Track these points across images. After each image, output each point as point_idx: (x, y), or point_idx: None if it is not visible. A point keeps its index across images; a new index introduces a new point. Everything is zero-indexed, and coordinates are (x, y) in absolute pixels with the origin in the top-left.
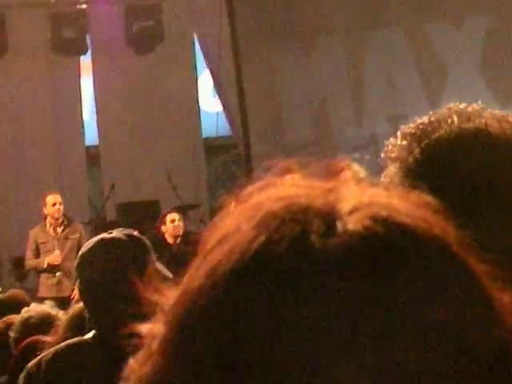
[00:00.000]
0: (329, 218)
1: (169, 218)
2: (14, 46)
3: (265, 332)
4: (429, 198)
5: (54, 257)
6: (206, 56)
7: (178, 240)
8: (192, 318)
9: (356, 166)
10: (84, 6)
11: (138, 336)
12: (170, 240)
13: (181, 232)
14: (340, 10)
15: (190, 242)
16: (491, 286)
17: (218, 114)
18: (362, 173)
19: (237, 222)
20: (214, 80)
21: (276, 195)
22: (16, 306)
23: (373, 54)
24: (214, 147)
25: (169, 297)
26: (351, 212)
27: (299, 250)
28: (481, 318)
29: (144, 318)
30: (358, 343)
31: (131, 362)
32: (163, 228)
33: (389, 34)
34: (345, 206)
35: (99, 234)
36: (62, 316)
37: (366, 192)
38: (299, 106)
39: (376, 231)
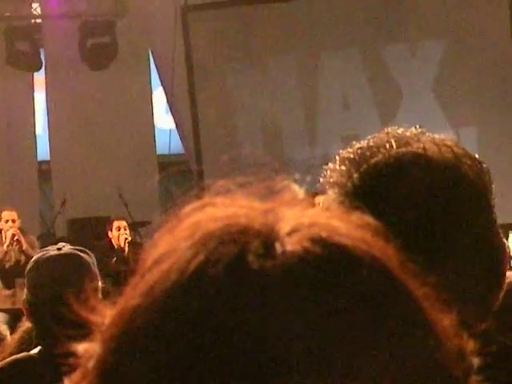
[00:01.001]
0: (267, 238)
1: (115, 224)
2: None
3: (202, 352)
4: (369, 219)
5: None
6: (160, 72)
7: (126, 247)
8: (128, 338)
9: (296, 187)
10: (39, 21)
11: (75, 355)
12: (116, 246)
13: (129, 238)
14: (294, 31)
15: (137, 250)
16: (431, 309)
17: (170, 131)
18: (302, 193)
19: (175, 241)
20: (167, 97)
21: (215, 215)
22: None
23: (327, 75)
24: (166, 164)
25: (106, 316)
26: (290, 233)
27: (236, 270)
28: (420, 342)
29: (81, 337)
30: (292, 366)
31: (67, 381)
32: (110, 234)
33: (344, 55)
34: (284, 227)
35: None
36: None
37: (305, 213)
38: (253, 125)
39: (315, 252)
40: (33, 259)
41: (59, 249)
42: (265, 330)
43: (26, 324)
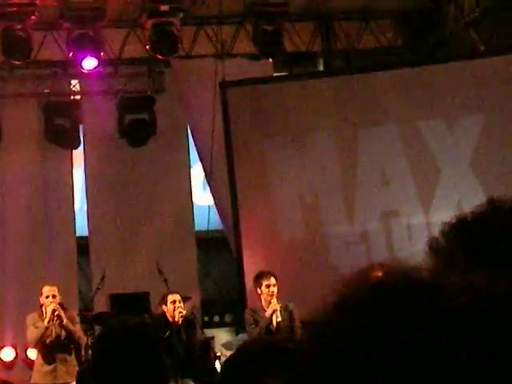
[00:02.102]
0: None
1: (170, 298)
2: (7, 135)
3: None
4: None
5: (52, 307)
6: (199, 149)
7: (180, 321)
8: None
9: None
10: (78, 97)
11: None
12: (171, 320)
13: (183, 313)
14: (332, 107)
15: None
16: None
17: (209, 207)
18: None
19: None
20: (205, 173)
21: None
22: None
23: (365, 151)
24: (204, 240)
25: None
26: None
27: None
28: None
29: None
30: None
31: None
32: (164, 308)
33: (381, 131)
34: None
35: (88, 324)
36: None
37: None
38: (291, 201)
39: None
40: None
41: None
42: None
43: None
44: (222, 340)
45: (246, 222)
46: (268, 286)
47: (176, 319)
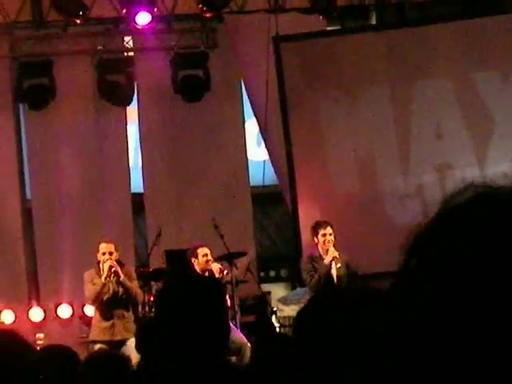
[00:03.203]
0: None
1: (201, 252)
2: (61, 91)
3: None
4: None
5: (107, 265)
6: (253, 104)
7: (207, 274)
8: None
9: None
10: (131, 54)
11: None
12: (200, 273)
13: (211, 267)
14: (385, 60)
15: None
16: None
17: (264, 162)
18: None
19: None
20: (260, 128)
21: None
22: None
23: (419, 104)
24: (260, 196)
25: None
26: None
27: None
28: None
29: None
30: None
31: None
32: (194, 261)
33: (435, 84)
34: None
35: (144, 281)
36: None
37: None
38: (346, 155)
39: None
40: None
41: None
42: None
43: None
44: (278, 295)
45: (301, 177)
46: (324, 235)
47: (216, 275)
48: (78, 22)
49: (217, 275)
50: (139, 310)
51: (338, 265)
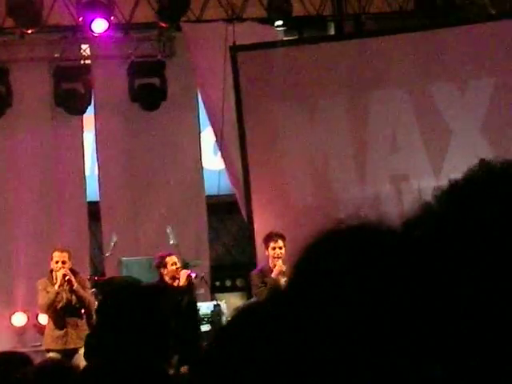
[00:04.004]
0: None
1: (170, 260)
2: (18, 99)
3: None
4: None
5: (61, 275)
6: (209, 113)
7: (177, 282)
8: None
9: None
10: (88, 62)
11: None
12: (169, 281)
13: (193, 275)
14: (342, 71)
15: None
16: None
17: (219, 171)
18: None
19: None
20: (216, 137)
21: None
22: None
23: (376, 115)
24: (215, 205)
25: None
26: None
27: None
28: None
29: None
30: None
31: None
32: (163, 270)
33: (392, 95)
34: None
35: (99, 289)
36: None
37: None
38: (302, 166)
39: None
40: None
41: None
42: None
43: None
44: (234, 305)
45: (257, 186)
46: (274, 249)
47: (181, 283)
48: (33, 30)
49: (184, 282)
50: (93, 319)
51: (285, 279)
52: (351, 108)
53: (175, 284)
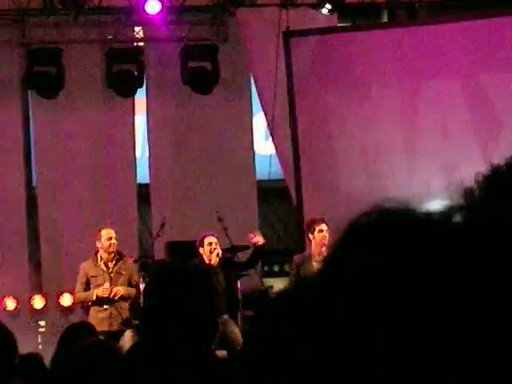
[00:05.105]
0: None
1: (206, 240)
2: (70, 80)
3: None
4: None
5: (104, 289)
6: (261, 98)
7: (216, 262)
8: None
9: None
10: (141, 44)
11: None
12: (206, 261)
13: (220, 254)
14: (395, 58)
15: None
16: None
17: (271, 156)
18: None
19: None
20: (267, 122)
21: None
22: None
23: (427, 103)
24: (265, 190)
25: None
26: None
27: None
28: None
29: None
30: None
31: None
32: (201, 250)
33: (444, 84)
34: None
35: (147, 271)
36: None
37: None
38: (352, 151)
39: None
40: None
41: None
42: None
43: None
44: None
45: (307, 172)
46: (321, 231)
47: (212, 261)
48: (88, 11)
49: (215, 261)
50: (138, 303)
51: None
52: (403, 96)
53: (211, 263)
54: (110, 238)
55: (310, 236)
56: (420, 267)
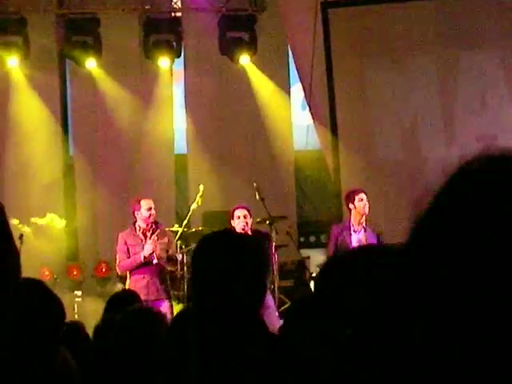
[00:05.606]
0: None
1: (236, 213)
2: (108, 49)
3: None
4: None
5: (148, 247)
6: (299, 69)
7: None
8: None
9: None
10: (179, 14)
11: None
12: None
13: (247, 228)
14: (434, 29)
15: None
16: None
17: (308, 126)
18: None
19: None
20: (305, 93)
21: None
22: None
23: (465, 73)
24: (303, 160)
25: None
26: None
27: None
28: None
29: None
30: None
31: None
32: (232, 222)
33: (482, 54)
34: None
35: (184, 241)
36: None
37: None
38: (390, 123)
39: None
40: None
41: None
42: None
43: None
44: (318, 260)
45: (345, 143)
46: (361, 200)
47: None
48: None
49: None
50: (177, 271)
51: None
52: (441, 66)
53: None
54: (150, 209)
55: (351, 205)
56: None
